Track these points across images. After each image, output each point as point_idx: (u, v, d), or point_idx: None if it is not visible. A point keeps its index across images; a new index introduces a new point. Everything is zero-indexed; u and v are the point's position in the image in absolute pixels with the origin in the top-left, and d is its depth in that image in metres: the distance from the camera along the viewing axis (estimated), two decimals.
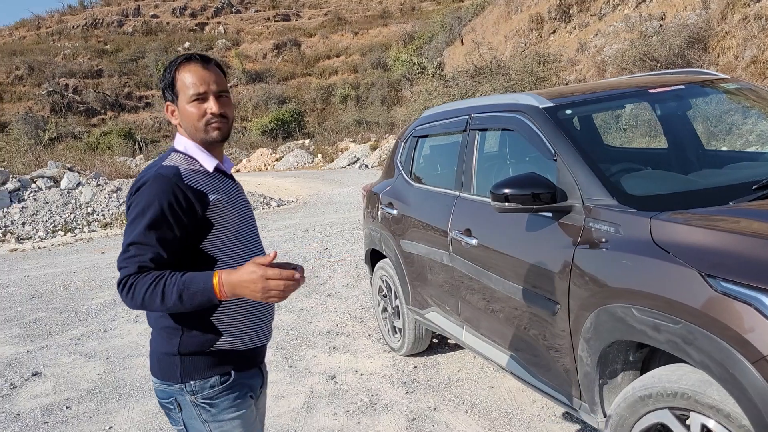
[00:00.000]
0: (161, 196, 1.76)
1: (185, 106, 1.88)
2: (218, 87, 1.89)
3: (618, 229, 2.41)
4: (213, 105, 1.86)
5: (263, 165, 33.75)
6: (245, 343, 1.93)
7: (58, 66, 54.28)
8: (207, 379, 1.86)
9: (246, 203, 2.06)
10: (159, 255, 1.74)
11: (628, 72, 14.26)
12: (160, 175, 1.80)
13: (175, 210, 1.76)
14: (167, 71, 1.91)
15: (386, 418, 3.66)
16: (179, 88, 1.88)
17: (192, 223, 1.80)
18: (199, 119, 1.87)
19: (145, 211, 1.75)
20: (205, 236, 1.85)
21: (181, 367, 1.85)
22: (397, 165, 4.60)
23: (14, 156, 25.65)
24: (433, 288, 3.86)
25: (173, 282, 1.69)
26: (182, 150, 1.92)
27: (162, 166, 1.85)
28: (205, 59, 1.90)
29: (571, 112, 3.14)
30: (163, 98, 1.97)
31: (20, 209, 13.88)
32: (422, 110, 20.13)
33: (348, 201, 15.10)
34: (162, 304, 1.69)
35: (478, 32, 31.65)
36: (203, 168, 1.90)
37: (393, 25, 60.73)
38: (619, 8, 20.59)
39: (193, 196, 1.81)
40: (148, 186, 1.79)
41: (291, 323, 5.63)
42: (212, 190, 1.87)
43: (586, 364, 2.52)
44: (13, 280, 8.86)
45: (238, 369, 1.92)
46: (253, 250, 2.00)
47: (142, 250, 1.73)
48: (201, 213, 1.82)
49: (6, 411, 4.24)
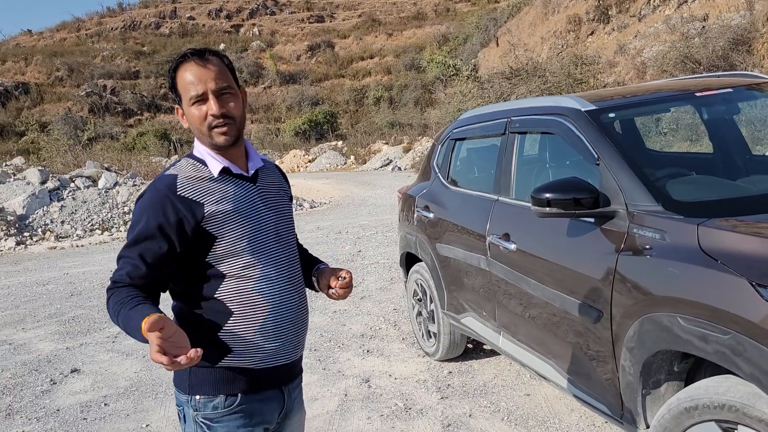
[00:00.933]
0: (149, 210, 1.69)
1: (188, 109, 1.74)
2: (218, 84, 1.71)
3: (663, 235, 2.34)
4: (213, 105, 1.70)
5: (296, 166, 33.98)
6: (257, 362, 1.77)
7: (97, 67, 55.43)
8: (212, 397, 1.74)
9: (273, 209, 1.87)
10: (136, 269, 1.66)
11: (669, 75, 14.00)
12: (153, 188, 1.72)
13: (162, 225, 1.67)
14: (170, 73, 1.78)
15: (421, 424, 3.63)
16: (180, 90, 1.74)
17: (185, 237, 1.69)
18: (201, 122, 1.72)
19: (135, 225, 1.70)
20: (208, 249, 1.72)
21: (190, 378, 1.76)
22: (433, 168, 4.57)
23: (54, 156, 26.29)
24: (470, 293, 3.82)
25: (122, 313, 1.60)
26: (196, 155, 1.80)
27: (161, 176, 1.75)
28: (200, 54, 1.73)
29: (615, 116, 3.08)
30: (173, 100, 1.84)
31: (59, 208, 14.18)
32: (456, 112, 20.08)
33: (381, 203, 15.10)
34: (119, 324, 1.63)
35: (513, 33, 31.42)
36: (210, 173, 1.76)
37: (427, 26, 60.64)
38: (659, 9, 20.24)
39: (185, 208, 1.68)
40: (142, 199, 1.73)
41: (324, 325, 5.64)
42: (213, 200, 1.72)
43: (628, 374, 2.47)
44: (53, 277, 9.05)
45: (249, 391, 1.77)
46: (271, 264, 1.81)
47: (123, 264, 1.69)
48: (194, 226, 1.69)
49: (46, 406, 4.31)
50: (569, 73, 18.65)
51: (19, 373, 5.02)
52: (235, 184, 1.78)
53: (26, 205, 13.93)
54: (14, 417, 4.17)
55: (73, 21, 70.20)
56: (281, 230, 1.87)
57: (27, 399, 4.47)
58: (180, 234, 1.68)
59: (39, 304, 7.35)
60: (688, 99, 3.38)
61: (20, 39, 66.77)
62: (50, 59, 56.56)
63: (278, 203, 1.90)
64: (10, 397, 4.52)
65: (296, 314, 1.86)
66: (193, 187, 1.72)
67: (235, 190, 1.77)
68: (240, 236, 1.74)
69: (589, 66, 18.90)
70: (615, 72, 18.41)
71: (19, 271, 9.83)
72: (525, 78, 19.92)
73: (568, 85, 18.04)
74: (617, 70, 18.37)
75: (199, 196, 1.71)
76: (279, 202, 1.91)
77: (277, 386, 1.83)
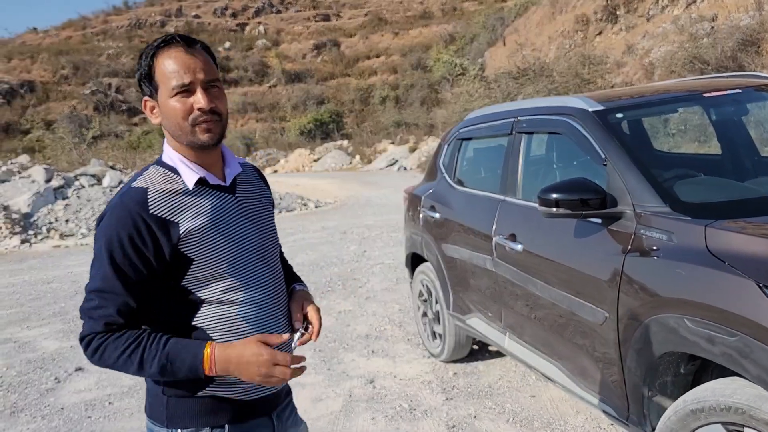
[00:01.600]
0: (120, 231, 1.45)
1: (167, 101, 1.51)
2: (207, 75, 1.51)
3: (671, 236, 2.33)
4: (201, 98, 1.49)
5: (301, 166, 34.03)
6: (243, 393, 1.59)
7: (102, 66, 55.69)
8: (195, 430, 1.56)
9: (254, 221, 1.67)
10: (125, 304, 1.45)
11: (677, 75, 13.96)
12: (121, 204, 1.48)
13: (138, 247, 1.45)
14: (143, 58, 1.55)
15: (426, 425, 3.62)
16: (159, 79, 1.51)
17: (160, 261, 1.48)
18: (185, 117, 1.50)
19: (104, 251, 1.46)
20: (184, 274, 1.51)
21: (168, 409, 1.56)
22: (439, 168, 4.56)
23: (59, 154, 26.45)
24: (475, 293, 3.81)
25: (154, 352, 1.43)
26: (166, 161, 1.57)
27: (129, 188, 1.51)
28: (188, 41, 1.54)
29: (622, 116, 3.06)
30: (140, 91, 1.59)
31: (64, 206, 14.22)
32: (463, 112, 20.05)
33: (386, 203, 15.09)
34: (137, 372, 1.45)
35: (521, 33, 31.38)
36: (184, 185, 1.54)
37: (434, 25, 60.70)
38: (668, 9, 20.18)
39: (158, 228, 1.47)
40: (107, 217, 1.49)
41: (329, 326, 5.63)
42: (189, 216, 1.51)
43: (634, 375, 2.45)
44: (57, 276, 9.07)
45: (235, 421, 1.59)
46: (255, 285, 1.61)
47: (105, 301, 1.45)
48: (170, 248, 1.48)
49: (51, 404, 4.32)
50: (577, 73, 18.62)
51: (24, 371, 5.03)
52: (212, 196, 1.57)
53: (31, 204, 13.98)
54: (19, 415, 4.18)
55: (79, 19, 70.63)
56: (265, 246, 1.68)
57: (32, 397, 4.48)
58: (157, 258, 1.47)
59: (43, 302, 7.37)
60: (696, 100, 3.36)
61: (26, 37, 67.14)
62: (56, 57, 56.86)
63: (260, 215, 1.70)
64: (15, 395, 4.54)
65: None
66: (166, 203, 1.50)
67: (213, 204, 1.57)
68: (219, 257, 1.54)
69: (597, 66, 18.86)
70: (623, 72, 18.36)
71: (23, 270, 9.86)
72: (532, 78, 19.90)
73: (575, 85, 18.00)
74: (625, 71, 18.32)
75: (173, 214, 1.49)
76: (261, 214, 1.71)
77: (266, 414, 1.66)
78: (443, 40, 52.10)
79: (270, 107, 53.37)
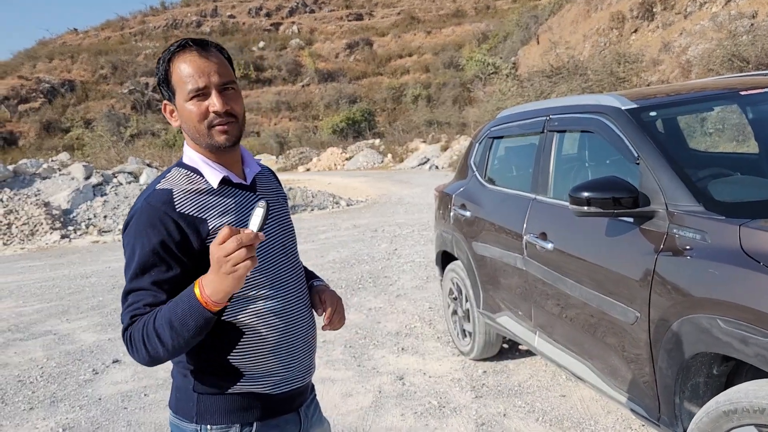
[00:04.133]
0: (149, 231, 1.47)
1: (183, 105, 1.54)
2: (221, 78, 1.53)
3: (704, 236, 2.30)
4: (216, 101, 1.51)
5: (333, 164, 34.19)
6: (273, 387, 1.61)
7: (140, 65, 56.68)
8: (225, 427, 1.57)
9: (276, 220, 1.69)
10: (156, 298, 1.46)
11: (715, 73, 13.69)
12: (148, 206, 1.50)
13: (168, 245, 1.47)
14: (160, 63, 1.58)
15: (455, 422, 3.63)
16: (175, 83, 1.54)
17: (190, 258, 1.49)
18: (201, 120, 1.52)
19: (134, 252, 1.48)
20: None
21: (198, 405, 1.58)
22: (470, 166, 4.56)
23: (98, 152, 27.02)
24: (506, 292, 3.81)
25: (161, 315, 1.41)
26: (188, 163, 1.60)
27: (154, 191, 1.54)
28: (202, 44, 1.55)
29: (656, 114, 3.03)
30: (161, 95, 1.62)
31: (102, 203, 14.53)
32: (495, 111, 19.91)
33: (417, 202, 15.09)
34: (164, 346, 1.41)
35: (555, 31, 31.06)
36: (208, 185, 1.57)
37: (467, 23, 60.43)
38: (706, 6, 19.80)
39: (187, 226, 1.49)
40: (134, 221, 1.51)
41: (360, 322, 5.67)
42: (216, 214, 1.53)
43: (666, 376, 2.43)
44: (96, 270, 9.28)
45: (264, 417, 1.61)
46: (280, 279, 1.64)
47: (137, 297, 1.47)
48: (199, 245, 1.49)
49: (89, 395, 4.43)
50: (612, 72, 18.37)
51: (63, 362, 5.17)
52: (235, 195, 1.60)
53: (71, 200, 14.32)
54: (58, 404, 4.30)
55: (117, 20, 71.99)
56: (286, 242, 1.70)
57: (71, 387, 4.60)
58: (187, 255, 1.49)
59: (82, 296, 7.55)
60: (732, 98, 3.31)
61: (66, 37, 68.67)
62: (95, 57, 58.05)
63: (280, 212, 1.72)
64: (55, 385, 4.66)
65: (308, 332, 1.70)
66: (192, 202, 1.52)
67: (237, 202, 1.59)
68: None
69: (632, 64, 18.58)
70: (659, 70, 18.06)
71: (63, 264, 10.11)
72: (566, 76, 19.70)
73: (610, 83, 17.77)
74: (661, 69, 18.02)
75: (201, 211, 1.52)
76: (280, 211, 1.73)
77: (293, 409, 1.68)
78: (476, 38, 51.84)
79: (303, 106, 53.73)
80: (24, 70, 56.02)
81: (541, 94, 19.36)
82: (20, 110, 50.24)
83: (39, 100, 51.76)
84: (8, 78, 54.09)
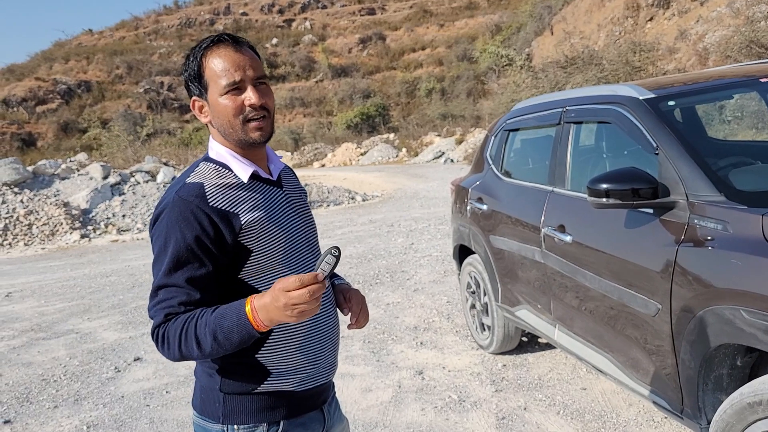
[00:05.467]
0: (182, 225, 1.46)
1: (217, 100, 1.53)
2: (256, 73, 1.54)
3: (726, 226, 2.28)
4: (252, 95, 1.52)
5: (348, 159, 34.20)
6: (299, 384, 1.62)
7: (154, 65, 57.01)
8: (252, 427, 1.57)
9: (300, 215, 1.70)
10: (190, 297, 1.46)
11: (733, 61, 13.50)
12: (180, 199, 1.48)
13: (201, 240, 1.46)
14: (191, 59, 1.57)
15: (475, 416, 3.63)
16: (208, 78, 1.54)
17: (223, 253, 1.49)
18: (236, 115, 1.53)
19: (167, 246, 1.47)
20: (242, 266, 1.53)
21: (224, 406, 1.57)
22: (486, 159, 4.54)
23: (115, 151, 27.25)
24: (524, 285, 3.79)
25: (204, 323, 1.41)
26: (215, 158, 1.60)
27: (184, 184, 1.52)
28: (236, 40, 1.57)
29: (674, 104, 2.99)
30: (187, 92, 1.62)
31: (120, 202, 14.66)
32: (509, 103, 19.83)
33: (433, 196, 15.07)
34: (200, 351, 1.42)
35: (569, 21, 30.83)
36: (237, 179, 1.57)
37: (480, 15, 60.08)
38: None
39: (220, 220, 1.48)
40: (166, 214, 1.49)
41: (378, 317, 5.67)
42: (247, 209, 1.53)
43: (689, 368, 2.41)
44: (115, 269, 9.37)
45: (291, 415, 1.61)
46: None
47: (170, 294, 1.46)
48: (232, 240, 1.49)
49: (112, 393, 4.48)
50: (627, 61, 18.17)
51: (85, 360, 5.23)
52: (264, 190, 1.61)
53: (89, 200, 14.46)
54: (82, 402, 4.35)
55: (131, 20, 72.34)
56: (310, 237, 1.71)
57: (94, 385, 4.65)
58: (220, 250, 1.49)
59: (103, 295, 7.63)
60: (752, 85, 3.26)
61: (82, 38, 69.20)
62: (110, 57, 58.46)
63: (303, 208, 1.74)
64: (78, 383, 4.72)
65: (333, 328, 1.70)
66: (224, 196, 1.52)
67: (266, 197, 1.60)
68: (276, 249, 1.57)
69: (648, 53, 18.37)
70: (675, 59, 17.87)
71: (83, 263, 10.22)
72: (581, 67, 19.51)
73: (626, 73, 17.58)
74: (678, 57, 17.82)
75: (233, 205, 1.51)
76: (303, 207, 1.74)
77: (318, 407, 1.69)
78: (489, 30, 51.54)
79: (317, 102, 53.78)
80: (41, 72, 56.56)
81: (556, 85, 19.20)
82: (38, 111, 50.77)
83: (56, 101, 52.26)
84: (25, 80, 54.66)
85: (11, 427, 4.06)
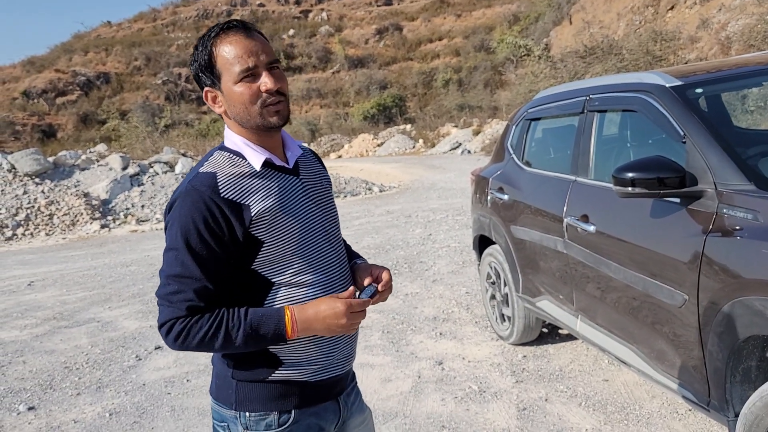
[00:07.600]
0: (195, 215, 1.45)
1: (232, 88, 1.50)
2: (268, 57, 1.51)
3: (756, 216, 2.23)
4: (268, 80, 1.49)
5: (365, 150, 34.18)
6: (312, 375, 1.60)
7: (172, 56, 57.29)
8: (263, 414, 1.57)
9: (318, 204, 1.66)
10: (204, 288, 1.46)
11: (757, 49, 13.28)
12: (193, 189, 1.47)
13: (213, 230, 1.46)
14: (200, 48, 1.54)
15: (496, 407, 3.61)
16: (221, 67, 1.50)
17: (235, 244, 1.48)
18: (253, 101, 1.50)
19: (179, 236, 1.46)
20: (255, 256, 1.52)
21: (237, 392, 1.58)
22: (507, 149, 4.50)
23: (134, 142, 27.45)
24: (546, 276, 3.76)
25: (237, 325, 1.46)
26: (230, 146, 1.57)
27: (197, 174, 1.51)
28: (245, 26, 1.53)
29: (702, 91, 2.94)
30: (198, 84, 1.59)
31: (140, 192, 14.78)
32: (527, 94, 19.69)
33: (450, 187, 15.01)
34: (222, 347, 1.47)
35: (588, 10, 30.50)
36: (251, 168, 1.54)
37: (497, 5, 59.66)
38: None
39: (230, 211, 1.47)
40: (179, 204, 1.48)
41: (397, 308, 5.66)
42: (258, 198, 1.51)
43: (716, 360, 2.37)
44: (135, 259, 9.44)
45: (303, 405, 1.60)
46: (323, 266, 1.61)
47: (185, 285, 1.45)
48: (243, 231, 1.48)
49: (133, 381, 4.52)
50: (648, 50, 17.95)
51: (107, 348, 5.27)
52: (278, 178, 1.57)
53: (109, 190, 14.59)
54: (104, 390, 4.39)
55: (149, 11, 72.72)
56: (329, 227, 1.67)
57: (115, 373, 4.69)
58: (231, 240, 1.48)
59: (123, 284, 7.70)
60: None
61: (101, 30, 69.66)
62: (129, 49, 58.83)
63: (322, 196, 1.69)
64: (100, 371, 4.77)
65: None
66: (236, 186, 1.50)
67: (280, 186, 1.57)
68: (289, 239, 1.54)
69: (669, 42, 18.14)
70: (697, 48, 17.61)
71: (103, 253, 10.32)
72: (600, 56, 19.31)
73: (646, 62, 17.37)
74: (699, 46, 17.57)
75: (244, 197, 1.50)
76: (323, 195, 1.70)
77: (332, 397, 1.67)
78: (507, 20, 51.19)
79: (334, 93, 53.79)
80: (60, 64, 57.07)
81: (575, 75, 19.02)
82: (58, 103, 51.29)
83: (76, 93, 52.75)
84: (45, 72, 55.20)
85: (35, 413, 4.11)
